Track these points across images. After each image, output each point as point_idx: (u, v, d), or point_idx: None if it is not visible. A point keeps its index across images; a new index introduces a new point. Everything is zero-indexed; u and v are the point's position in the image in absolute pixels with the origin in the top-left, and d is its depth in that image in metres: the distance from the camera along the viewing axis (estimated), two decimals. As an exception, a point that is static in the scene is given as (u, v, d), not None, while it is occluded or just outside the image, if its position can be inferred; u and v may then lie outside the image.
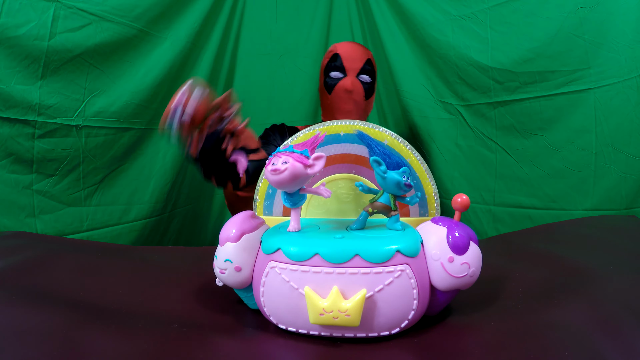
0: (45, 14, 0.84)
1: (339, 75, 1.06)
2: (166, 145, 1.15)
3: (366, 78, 1.07)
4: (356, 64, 1.06)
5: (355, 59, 1.06)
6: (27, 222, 0.87)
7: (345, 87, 1.04)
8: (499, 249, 0.68)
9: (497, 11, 1.01)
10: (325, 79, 1.08)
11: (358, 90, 1.05)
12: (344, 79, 1.05)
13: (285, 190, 0.45)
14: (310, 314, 0.39)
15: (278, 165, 0.43)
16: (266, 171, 0.44)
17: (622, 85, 0.86)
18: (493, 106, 1.06)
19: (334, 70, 1.06)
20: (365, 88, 1.06)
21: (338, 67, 1.06)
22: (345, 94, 1.04)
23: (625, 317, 0.42)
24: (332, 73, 1.06)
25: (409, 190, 0.47)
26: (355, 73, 1.06)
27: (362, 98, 1.06)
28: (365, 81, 1.07)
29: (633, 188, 0.87)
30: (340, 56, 1.06)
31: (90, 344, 0.39)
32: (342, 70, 1.06)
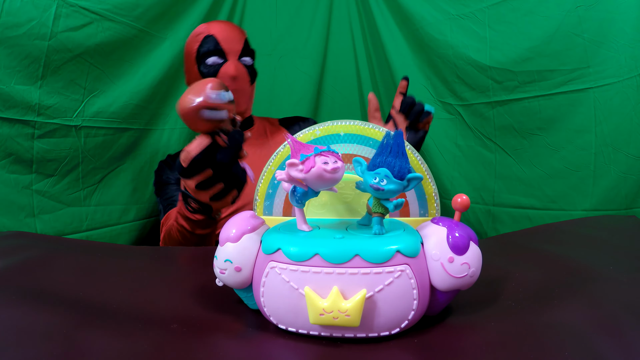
0: (46, 12, 0.84)
1: (218, 60, 0.92)
2: (165, 145, 1.15)
3: (248, 60, 0.95)
4: (236, 45, 0.93)
5: (234, 40, 0.94)
6: (26, 222, 0.87)
7: (230, 73, 0.91)
8: (499, 249, 0.68)
9: (496, 10, 1.01)
10: (199, 67, 0.93)
11: (243, 76, 0.93)
12: (226, 64, 0.92)
13: (322, 189, 0.45)
14: (310, 314, 0.39)
15: (338, 165, 0.43)
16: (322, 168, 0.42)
17: (621, 84, 0.86)
18: (492, 106, 1.06)
19: (210, 56, 0.92)
20: (249, 71, 0.95)
21: (215, 51, 0.92)
22: (230, 82, 0.91)
23: (625, 317, 0.42)
24: (209, 59, 0.92)
25: (384, 194, 0.44)
26: (236, 56, 0.93)
27: (248, 83, 0.95)
28: (248, 64, 0.95)
29: (633, 188, 0.87)
30: (216, 38, 0.92)
31: (90, 344, 0.39)
32: (220, 55, 0.92)
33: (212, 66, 0.92)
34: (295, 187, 0.46)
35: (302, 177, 0.43)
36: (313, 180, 0.43)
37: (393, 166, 0.44)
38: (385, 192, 0.44)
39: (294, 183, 0.45)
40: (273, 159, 0.57)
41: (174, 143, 1.17)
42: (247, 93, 0.97)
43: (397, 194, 0.45)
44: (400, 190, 0.44)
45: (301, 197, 0.46)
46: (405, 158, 0.45)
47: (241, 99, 0.95)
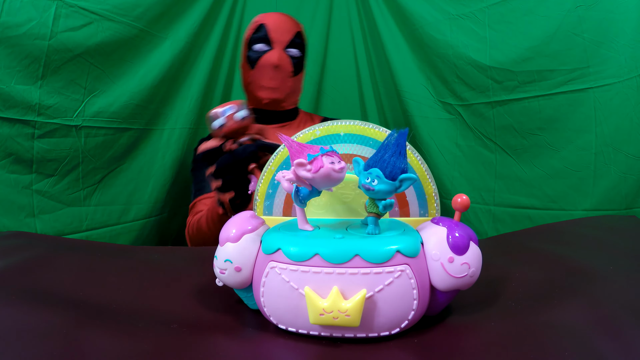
0: (46, 13, 0.84)
1: (264, 47, 0.95)
2: (165, 145, 1.15)
3: (295, 52, 0.97)
4: (284, 36, 0.96)
5: (284, 31, 0.96)
6: (26, 222, 0.87)
7: (271, 60, 0.93)
8: (499, 249, 0.68)
9: (496, 10, 1.01)
10: (247, 52, 0.98)
11: (285, 65, 0.95)
12: (270, 52, 0.94)
13: (325, 188, 0.46)
14: (310, 314, 0.39)
15: (343, 164, 0.44)
16: (330, 168, 0.43)
17: (621, 84, 0.86)
18: (491, 106, 1.05)
19: (258, 43, 0.95)
20: (294, 63, 0.96)
21: (263, 39, 0.95)
22: (271, 68, 0.93)
23: (625, 317, 0.42)
24: (256, 46, 0.95)
25: (375, 194, 0.44)
26: (283, 46, 0.95)
27: (290, 74, 0.96)
28: (295, 55, 0.97)
29: (633, 188, 0.87)
30: (266, 27, 0.95)
31: (90, 344, 0.39)
32: (267, 42, 0.95)
33: (257, 52, 0.95)
34: (298, 187, 0.46)
35: (310, 177, 0.43)
36: (320, 179, 0.43)
37: (385, 166, 0.44)
38: (376, 192, 0.44)
39: (300, 183, 0.45)
40: (273, 159, 0.57)
41: (174, 143, 1.17)
42: (289, 84, 0.97)
43: (389, 194, 0.44)
44: (391, 191, 0.44)
45: (305, 197, 0.46)
46: (401, 158, 0.44)
47: (280, 87, 0.96)
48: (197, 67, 1.22)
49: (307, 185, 0.45)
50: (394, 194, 0.55)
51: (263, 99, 0.97)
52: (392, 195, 0.45)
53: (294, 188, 0.46)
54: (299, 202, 0.46)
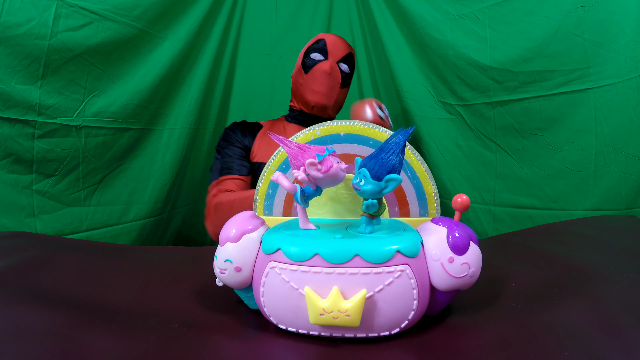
0: (46, 12, 0.84)
1: (320, 57, 1.04)
2: (165, 145, 1.15)
3: (345, 67, 1.06)
4: (339, 51, 1.05)
5: (339, 47, 1.06)
6: (26, 222, 0.87)
7: (324, 68, 1.02)
8: (499, 249, 0.68)
9: (496, 10, 1.01)
10: (304, 59, 1.07)
11: (335, 75, 1.04)
12: (324, 61, 1.04)
13: (327, 187, 0.47)
14: (310, 314, 0.39)
15: (343, 165, 0.46)
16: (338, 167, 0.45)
17: (622, 85, 0.86)
18: (492, 106, 1.05)
19: (315, 52, 1.05)
20: (343, 76, 1.05)
21: (320, 50, 1.05)
22: (322, 75, 1.03)
23: (625, 317, 0.42)
24: (313, 54, 1.05)
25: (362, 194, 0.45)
26: (336, 59, 1.05)
27: (338, 84, 1.05)
28: (344, 70, 1.06)
29: (633, 188, 0.87)
30: (325, 41, 1.05)
31: (90, 344, 0.39)
32: (323, 53, 1.04)
33: (312, 60, 1.05)
34: (302, 187, 0.46)
35: (321, 176, 0.44)
36: (328, 179, 0.45)
37: (373, 166, 0.44)
38: (363, 192, 0.44)
39: (305, 183, 0.46)
40: (272, 159, 0.57)
41: (174, 143, 1.17)
42: (335, 93, 1.06)
43: (376, 194, 0.44)
44: (377, 191, 0.44)
45: (310, 196, 0.46)
46: (393, 158, 0.43)
47: (329, 95, 1.05)
48: (197, 67, 1.22)
49: (312, 185, 0.46)
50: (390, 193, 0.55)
51: (311, 102, 1.05)
52: (380, 194, 0.44)
53: (298, 188, 0.46)
54: (305, 201, 0.46)
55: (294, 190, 0.46)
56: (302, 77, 1.06)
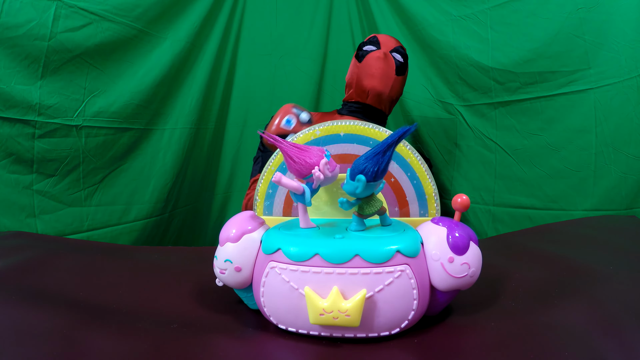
0: (46, 13, 0.84)
1: (372, 47, 1.05)
2: (166, 145, 1.15)
3: (399, 57, 1.06)
4: (390, 43, 1.06)
5: (390, 40, 1.07)
6: (27, 222, 0.87)
7: (377, 55, 1.03)
8: (499, 249, 0.68)
9: (498, 12, 1.01)
10: (357, 52, 1.07)
11: (390, 62, 1.04)
12: (377, 50, 1.04)
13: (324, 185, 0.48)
14: (310, 314, 0.39)
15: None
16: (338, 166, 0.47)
17: (622, 85, 0.86)
18: (494, 106, 1.06)
19: (368, 45, 1.06)
20: (397, 65, 1.05)
21: (372, 42, 1.06)
22: (377, 60, 1.03)
23: (626, 317, 0.42)
24: (366, 47, 1.06)
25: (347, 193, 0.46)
26: (388, 49, 1.05)
27: (393, 71, 1.04)
28: (397, 59, 1.05)
29: (633, 188, 0.87)
30: (378, 37, 1.07)
31: (90, 344, 0.39)
32: (376, 45, 1.05)
33: (365, 50, 1.04)
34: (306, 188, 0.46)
35: (330, 176, 0.46)
36: (331, 178, 0.47)
37: (354, 167, 0.44)
38: (345, 190, 0.45)
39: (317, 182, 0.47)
40: (273, 159, 0.57)
41: (174, 143, 1.17)
42: (391, 80, 1.04)
43: (354, 194, 0.44)
44: (352, 191, 0.44)
45: (312, 195, 0.47)
46: (375, 158, 0.43)
47: (385, 80, 1.03)
48: (198, 67, 1.22)
49: (315, 184, 0.46)
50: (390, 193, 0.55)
51: (367, 87, 1.04)
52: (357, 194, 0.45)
53: (305, 188, 0.46)
54: (309, 201, 0.47)
55: (301, 189, 0.46)
56: (357, 66, 1.06)
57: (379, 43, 1.05)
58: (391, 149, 0.43)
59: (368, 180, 0.43)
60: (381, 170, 0.43)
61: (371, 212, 0.46)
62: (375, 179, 0.43)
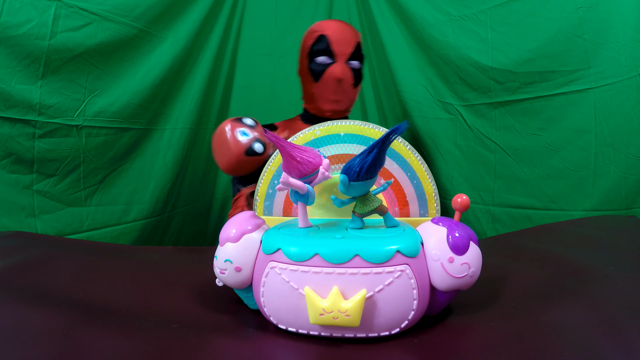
0: (46, 13, 0.84)
1: (327, 60, 0.96)
2: (166, 145, 1.15)
3: (356, 64, 0.98)
4: (346, 49, 0.96)
5: (346, 43, 0.97)
6: (27, 222, 0.87)
7: (336, 75, 0.94)
8: (499, 249, 0.68)
9: (498, 11, 1.01)
10: (309, 64, 0.98)
11: (348, 79, 0.97)
12: (333, 65, 0.95)
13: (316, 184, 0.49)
14: (310, 314, 0.39)
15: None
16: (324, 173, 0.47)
17: (622, 84, 0.86)
18: (494, 106, 1.06)
19: (320, 55, 0.96)
20: (355, 75, 0.98)
21: (325, 51, 0.96)
22: (335, 82, 0.95)
23: (625, 317, 0.42)
24: (319, 58, 0.96)
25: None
26: (345, 59, 0.96)
27: (351, 86, 0.98)
28: (355, 67, 0.98)
29: (633, 188, 0.87)
30: (328, 39, 0.96)
31: (90, 344, 0.39)
32: (330, 55, 0.96)
33: (320, 65, 0.96)
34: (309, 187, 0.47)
35: (329, 176, 0.47)
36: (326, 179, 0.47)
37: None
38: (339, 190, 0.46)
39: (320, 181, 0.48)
40: (272, 159, 0.57)
41: (175, 143, 1.16)
42: (350, 95, 1.00)
43: (345, 192, 0.46)
44: (342, 190, 0.45)
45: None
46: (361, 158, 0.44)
47: (343, 100, 0.99)
48: (198, 67, 1.22)
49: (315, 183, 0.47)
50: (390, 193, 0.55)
51: (327, 111, 1.01)
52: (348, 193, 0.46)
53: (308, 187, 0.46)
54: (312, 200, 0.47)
55: (305, 189, 0.46)
56: (313, 85, 0.99)
57: (333, 53, 0.95)
58: (374, 150, 0.43)
59: (351, 180, 0.44)
60: (364, 171, 0.43)
61: (365, 211, 0.46)
62: (358, 179, 0.44)
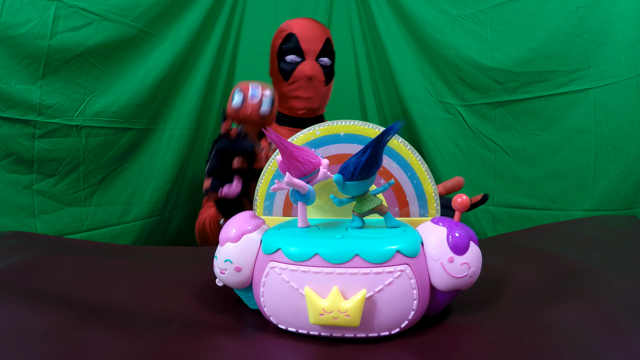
0: (46, 13, 0.84)
1: (296, 59, 0.96)
2: (166, 145, 1.15)
3: (326, 61, 0.97)
4: (315, 46, 0.96)
5: (314, 40, 0.96)
6: (27, 222, 0.87)
7: (306, 73, 0.94)
8: (499, 249, 0.68)
9: (497, 11, 1.01)
10: (279, 63, 0.98)
11: (318, 76, 0.96)
12: (303, 63, 0.95)
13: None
14: (310, 314, 0.39)
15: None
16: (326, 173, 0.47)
17: (621, 84, 0.86)
18: (493, 106, 1.06)
19: (289, 54, 0.96)
20: (326, 72, 0.97)
21: (294, 50, 0.95)
22: (305, 81, 0.95)
23: (625, 317, 0.42)
24: (288, 57, 0.96)
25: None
26: (314, 56, 0.96)
27: (322, 84, 0.97)
28: (326, 64, 0.97)
29: (633, 188, 0.87)
30: (297, 37, 0.96)
31: (90, 344, 0.39)
32: (299, 54, 0.95)
33: (290, 64, 0.96)
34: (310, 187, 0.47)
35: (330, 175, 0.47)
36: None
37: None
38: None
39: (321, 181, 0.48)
40: (273, 159, 0.57)
41: (174, 143, 1.17)
42: (322, 93, 0.99)
43: (342, 192, 0.46)
44: (339, 189, 0.46)
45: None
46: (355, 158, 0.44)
47: (314, 98, 0.98)
48: (198, 67, 1.22)
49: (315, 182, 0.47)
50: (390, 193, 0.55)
51: (300, 111, 0.99)
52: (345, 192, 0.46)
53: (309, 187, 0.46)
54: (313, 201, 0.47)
55: (307, 188, 0.46)
56: (284, 85, 0.98)
57: (301, 51, 0.95)
58: (368, 150, 0.43)
59: (345, 179, 0.44)
60: (358, 171, 0.44)
61: (363, 211, 0.46)
62: (353, 179, 0.44)
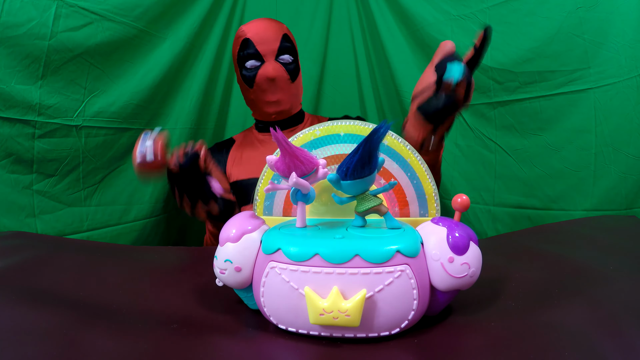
0: (46, 13, 0.84)
1: (256, 63, 0.93)
2: (166, 145, 1.15)
3: (287, 58, 0.94)
4: (272, 45, 0.93)
5: (269, 40, 0.93)
6: (27, 222, 0.87)
7: (267, 75, 0.91)
8: (499, 249, 0.68)
9: (497, 11, 1.01)
10: (241, 71, 0.96)
11: (282, 76, 0.93)
12: (263, 66, 0.92)
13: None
14: (310, 314, 0.39)
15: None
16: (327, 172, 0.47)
17: (622, 84, 0.86)
18: (493, 106, 1.06)
19: (248, 59, 0.94)
20: (290, 69, 0.94)
21: (253, 55, 0.93)
22: (269, 84, 0.92)
23: (626, 317, 0.42)
24: (248, 63, 0.94)
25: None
26: (273, 56, 0.93)
27: (288, 82, 0.95)
28: (287, 62, 0.95)
29: (633, 188, 0.87)
30: (252, 41, 0.93)
31: (90, 344, 0.39)
32: (257, 57, 0.93)
33: (251, 69, 0.94)
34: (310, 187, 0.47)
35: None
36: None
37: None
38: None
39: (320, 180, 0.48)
40: (273, 159, 0.57)
41: (174, 143, 1.17)
42: (290, 91, 0.96)
43: (340, 189, 0.46)
44: (337, 189, 0.46)
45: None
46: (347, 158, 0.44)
47: (283, 98, 0.96)
48: (197, 67, 1.22)
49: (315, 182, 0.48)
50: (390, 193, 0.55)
51: (272, 114, 0.98)
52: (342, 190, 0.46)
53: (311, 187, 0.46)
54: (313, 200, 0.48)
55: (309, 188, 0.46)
56: (250, 92, 0.96)
57: (259, 54, 0.93)
58: (359, 150, 0.43)
59: (341, 178, 0.45)
60: (350, 171, 0.44)
61: (361, 210, 0.47)
62: (347, 179, 0.44)
